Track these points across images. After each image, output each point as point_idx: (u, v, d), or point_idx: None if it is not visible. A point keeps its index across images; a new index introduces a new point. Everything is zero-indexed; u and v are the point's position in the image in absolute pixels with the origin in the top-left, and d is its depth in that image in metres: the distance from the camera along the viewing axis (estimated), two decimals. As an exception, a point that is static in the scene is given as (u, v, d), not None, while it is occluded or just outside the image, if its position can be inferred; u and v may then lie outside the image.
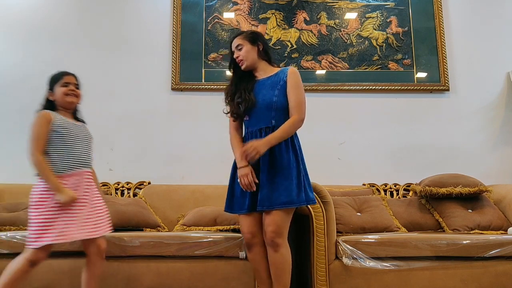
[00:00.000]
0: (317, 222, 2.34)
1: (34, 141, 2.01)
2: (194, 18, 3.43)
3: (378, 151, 3.32)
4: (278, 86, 2.11)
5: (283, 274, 2.01)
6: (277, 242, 1.99)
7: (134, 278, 2.28)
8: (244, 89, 2.14)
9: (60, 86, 2.15)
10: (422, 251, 2.28)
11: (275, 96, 2.09)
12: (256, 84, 2.16)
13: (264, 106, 2.09)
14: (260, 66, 2.19)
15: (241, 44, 2.17)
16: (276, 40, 3.42)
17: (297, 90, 2.11)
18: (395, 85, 3.39)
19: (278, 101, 2.08)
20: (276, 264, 2.01)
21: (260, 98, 2.10)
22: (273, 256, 2.01)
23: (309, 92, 3.37)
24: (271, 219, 1.99)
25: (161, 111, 3.33)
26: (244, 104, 2.10)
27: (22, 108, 3.28)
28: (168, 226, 2.85)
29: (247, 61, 2.16)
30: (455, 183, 2.82)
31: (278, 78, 2.14)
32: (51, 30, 3.39)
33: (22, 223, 2.61)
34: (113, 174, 3.21)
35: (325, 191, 2.41)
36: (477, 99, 3.41)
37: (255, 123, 2.11)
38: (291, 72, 2.13)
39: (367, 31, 3.45)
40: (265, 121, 2.09)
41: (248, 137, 2.12)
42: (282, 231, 2.00)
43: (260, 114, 2.10)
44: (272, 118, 2.08)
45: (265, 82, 2.15)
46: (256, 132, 2.10)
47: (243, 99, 2.11)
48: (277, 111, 2.08)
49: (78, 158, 2.08)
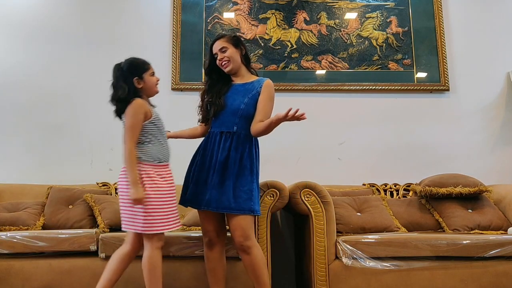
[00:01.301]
0: (317, 222, 2.34)
1: (130, 130, 2.01)
2: (194, 18, 3.43)
3: (378, 151, 3.32)
4: (249, 94, 2.14)
5: (260, 273, 2.04)
6: (247, 245, 2.02)
7: (134, 278, 2.28)
8: (217, 92, 2.17)
9: (149, 76, 2.13)
10: (422, 251, 2.28)
11: (243, 103, 2.13)
12: (231, 88, 2.19)
13: (230, 111, 2.13)
14: (240, 71, 2.22)
15: (225, 47, 2.18)
16: (276, 40, 3.42)
17: (269, 102, 2.15)
18: (395, 85, 3.38)
19: (245, 109, 2.12)
20: (252, 266, 2.04)
21: (229, 103, 2.14)
22: (247, 259, 2.04)
23: (309, 92, 3.38)
24: (236, 224, 2.03)
25: (161, 111, 3.31)
26: (213, 107, 2.15)
27: (22, 108, 3.29)
28: (168, 226, 2.84)
29: (232, 63, 2.18)
30: (455, 183, 2.82)
31: (253, 87, 2.17)
32: (51, 30, 3.40)
33: (22, 223, 2.61)
34: (113, 174, 3.20)
35: (325, 191, 2.41)
36: (477, 99, 3.41)
37: (218, 125, 2.16)
38: (267, 85, 2.16)
39: (367, 31, 3.45)
40: (227, 125, 2.13)
41: (210, 136, 2.16)
42: (248, 233, 2.03)
43: (225, 118, 2.14)
44: (235, 124, 2.12)
45: (239, 88, 2.18)
46: (216, 134, 2.14)
47: (213, 102, 2.16)
48: (241, 118, 2.12)
49: (167, 149, 2.12)
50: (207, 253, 2.16)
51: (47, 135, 3.27)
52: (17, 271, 2.30)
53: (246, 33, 3.41)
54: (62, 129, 3.27)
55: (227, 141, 2.10)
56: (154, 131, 2.07)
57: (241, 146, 2.10)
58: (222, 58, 2.17)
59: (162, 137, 2.10)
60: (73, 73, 3.36)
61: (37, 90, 3.32)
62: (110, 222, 2.59)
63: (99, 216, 2.64)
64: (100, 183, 3.11)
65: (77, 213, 2.74)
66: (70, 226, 2.68)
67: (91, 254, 2.34)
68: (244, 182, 2.05)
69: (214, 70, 2.23)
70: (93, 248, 2.33)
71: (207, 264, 2.17)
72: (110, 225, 2.57)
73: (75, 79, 3.34)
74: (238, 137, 2.10)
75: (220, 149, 2.09)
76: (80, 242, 2.32)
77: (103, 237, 2.34)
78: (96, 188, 3.02)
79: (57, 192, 2.87)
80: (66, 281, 2.29)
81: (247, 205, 2.03)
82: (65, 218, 2.72)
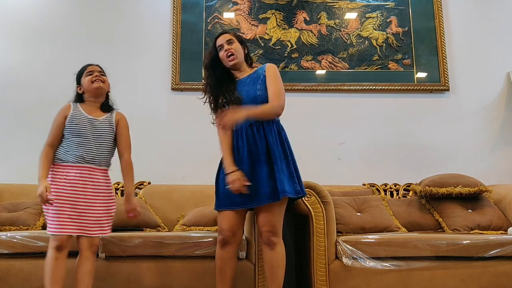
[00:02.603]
0: (317, 222, 2.34)
1: (50, 132, 2.16)
2: (194, 18, 3.43)
3: (378, 151, 3.32)
4: (259, 81, 2.11)
5: (278, 272, 2.02)
6: (273, 240, 2.00)
7: (134, 278, 2.28)
8: (227, 91, 2.13)
9: (85, 77, 2.21)
10: (422, 251, 2.28)
11: (258, 90, 2.09)
12: (238, 83, 2.16)
13: (249, 102, 2.07)
14: (243, 67, 2.21)
15: (232, 39, 2.16)
16: (276, 40, 3.42)
17: (276, 81, 2.10)
18: (395, 85, 3.38)
19: (262, 95, 2.08)
20: (272, 263, 2.01)
21: (244, 95, 2.10)
22: (269, 254, 2.02)
23: (309, 92, 3.37)
24: (265, 219, 2.00)
25: (161, 111, 3.33)
26: (230, 104, 2.09)
27: (22, 108, 3.29)
28: (168, 226, 2.85)
29: (238, 58, 2.16)
30: (455, 183, 2.82)
31: (257, 74, 2.15)
32: (51, 30, 3.40)
33: (22, 223, 2.61)
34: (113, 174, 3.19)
35: (325, 191, 2.41)
36: (477, 99, 3.41)
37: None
38: (269, 66, 2.15)
39: (367, 31, 3.45)
40: None
41: (238, 133, 2.09)
42: (277, 230, 2.01)
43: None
44: None
45: (246, 80, 2.16)
46: (246, 127, 2.07)
47: (229, 100, 2.11)
48: (262, 104, 2.07)
49: (84, 153, 2.09)
50: (218, 251, 2.08)
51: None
52: (17, 271, 2.29)
53: (246, 33, 3.41)
54: (62, 129, 3.26)
55: (259, 130, 2.04)
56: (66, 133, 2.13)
57: (274, 130, 2.06)
58: (229, 49, 2.14)
59: (74, 139, 2.10)
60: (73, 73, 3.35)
61: (37, 90, 3.32)
62: (110, 222, 2.58)
63: (99, 216, 2.63)
64: (100, 183, 3.10)
65: (77, 213, 2.74)
66: (70, 226, 2.67)
67: (91, 254, 2.33)
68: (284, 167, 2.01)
69: (215, 64, 2.19)
70: (93, 248, 2.32)
71: (217, 262, 2.09)
72: (110, 225, 2.57)
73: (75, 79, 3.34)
74: (267, 124, 2.06)
75: (257, 140, 2.03)
76: (80, 242, 2.31)
77: (103, 237, 2.33)
78: (96, 188, 3.01)
79: (57, 192, 2.87)
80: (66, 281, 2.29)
81: (296, 188, 2.00)
82: (65, 218, 2.71)
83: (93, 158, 2.12)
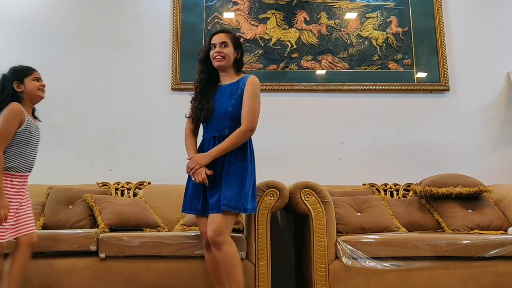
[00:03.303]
0: (317, 222, 2.34)
1: (1, 138, 2.00)
2: (194, 18, 3.43)
3: (378, 151, 3.32)
4: (235, 95, 2.14)
5: (232, 270, 2.02)
6: (218, 240, 2.01)
7: (134, 278, 2.28)
8: (205, 96, 2.17)
9: (31, 80, 2.15)
10: (422, 251, 2.28)
11: (231, 105, 2.12)
12: (218, 89, 2.19)
13: (219, 115, 2.13)
14: (228, 70, 2.21)
15: (227, 42, 2.17)
16: (276, 40, 3.42)
17: (251, 99, 2.11)
18: (395, 85, 3.38)
19: (233, 111, 2.12)
20: (222, 262, 2.03)
21: (217, 106, 2.14)
22: (218, 255, 2.04)
23: (309, 92, 3.38)
24: (212, 219, 2.04)
25: (161, 111, 3.33)
26: (203, 112, 2.15)
27: (22, 108, 3.29)
28: (168, 226, 2.85)
29: (226, 62, 2.18)
30: (455, 183, 2.82)
31: (238, 86, 2.16)
32: (51, 30, 3.39)
33: (22, 223, 2.61)
34: (113, 174, 3.21)
35: (325, 191, 2.41)
36: (477, 99, 3.41)
37: (210, 130, 2.17)
38: (250, 81, 2.14)
39: (367, 31, 3.45)
40: (219, 129, 2.14)
41: (204, 142, 2.19)
42: (222, 229, 2.02)
43: (215, 122, 2.15)
44: (225, 127, 2.13)
45: (226, 89, 2.18)
46: (210, 139, 2.16)
47: (203, 107, 2.16)
48: (231, 120, 2.12)
49: (31, 161, 2.14)
50: (205, 254, 2.16)
51: (47, 135, 3.25)
52: (17, 271, 2.29)
53: (246, 33, 3.41)
54: (62, 129, 3.27)
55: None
56: (20, 141, 2.07)
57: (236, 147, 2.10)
58: (220, 52, 2.15)
59: (27, 148, 2.10)
60: (73, 73, 3.36)
61: (37, 90, 3.32)
62: (110, 222, 2.58)
63: (99, 216, 2.64)
64: (100, 183, 3.11)
65: (77, 213, 2.74)
66: (70, 226, 2.68)
67: (91, 254, 2.33)
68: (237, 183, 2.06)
69: (208, 60, 2.21)
70: (93, 248, 2.32)
71: (208, 266, 2.17)
72: (110, 225, 2.57)
73: (75, 79, 3.34)
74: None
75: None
76: (80, 242, 2.32)
77: (103, 237, 2.34)
78: (96, 188, 3.02)
79: (57, 192, 2.87)
80: (66, 281, 2.29)
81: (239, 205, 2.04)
82: (65, 218, 2.72)
83: (33, 165, 2.16)
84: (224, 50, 2.15)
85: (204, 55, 2.22)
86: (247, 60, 3.35)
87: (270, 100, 3.34)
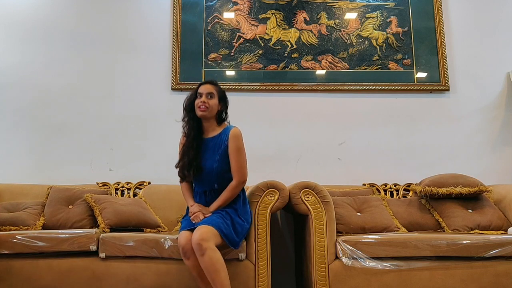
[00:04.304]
0: (317, 222, 2.34)
1: None
2: (194, 18, 3.43)
3: (378, 151, 3.32)
4: (219, 150, 2.26)
5: (216, 275, 2.03)
6: (202, 245, 2.01)
7: (134, 278, 2.28)
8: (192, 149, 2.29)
9: None
10: (422, 251, 2.28)
11: (216, 162, 2.25)
12: (203, 143, 2.31)
13: (206, 173, 2.26)
14: (211, 122, 2.33)
15: (213, 94, 2.30)
16: (276, 40, 3.42)
17: (236, 155, 2.25)
18: (395, 85, 3.39)
19: (219, 167, 2.25)
20: (205, 268, 2.04)
21: (203, 164, 2.26)
22: (201, 260, 2.04)
23: (309, 92, 3.38)
24: (199, 228, 2.09)
25: (161, 111, 3.33)
26: (192, 170, 2.26)
27: (22, 108, 3.29)
28: (168, 226, 2.85)
29: (209, 113, 2.29)
30: (455, 183, 2.82)
31: (221, 140, 2.28)
32: (51, 30, 3.40)
33: (22, 223, 2.61)
34: (113, 174, 3.21)
35: (325, 191, 2.41)
36: (477, 99, 3.41)
37: (200, 185, 2.30)
38: (232, 137, 2.26)
39: (367, 31, 3.45)
40: (208, 185, 2.29)
41: (195, 195, 2.33)
42: (208, 236, 2.05)
43: (203, 178, 2.28)
44: (214, 182, 2.28)
45: (209, 143, 2.30)
46: (201, 193, 2.30)
47: (192, 165, 2.27)
48: (218, 176, 2.26)
49: None
50: (186, 262, 2.14)
51: (47, 135, 3.27)
52: (17, 271, 2.29)
53: (246, 33, 3.41)
54: (62, 129, 3.27)
55: (213, 197, 2.28)
56: None
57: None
58: (204, 103, 2.26)
59: None
60: (73, 73, 3.36)
61: (36, 90, 3.32)
62: (110, 222, 2.59)
63: (100, 216, 2.64)
64: (100, 183, 3.11)
65: (77, 213, 2.74)
66: (70, 226, 2.68)
67: (91, 254, 2.33)
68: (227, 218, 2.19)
69: (192, 109, 2.32)
70: (93, 248, 2.32)
71: (193, 273, 2.16)
72: (111, 225, 2.57)
73: (75, 79, 3.34)
74: (221, 191, 2.26)
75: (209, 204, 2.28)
76: (80, 242, 2.32)
77: (103, 237, 2.34)
78: (96, 188, 3.02)
79: (57, 192, 2.87)
80: (66, 281, 2.29)
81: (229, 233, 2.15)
82: (65, 218, 2.72)
83: None
84: (209, 101, 2.27)
85: (189, 103, 2.34)
86: (247, 60, 3.36)
87: (270, 100, 3.36)
